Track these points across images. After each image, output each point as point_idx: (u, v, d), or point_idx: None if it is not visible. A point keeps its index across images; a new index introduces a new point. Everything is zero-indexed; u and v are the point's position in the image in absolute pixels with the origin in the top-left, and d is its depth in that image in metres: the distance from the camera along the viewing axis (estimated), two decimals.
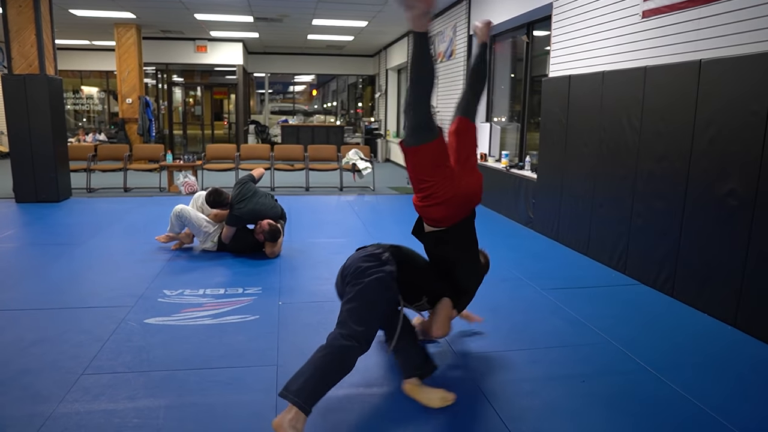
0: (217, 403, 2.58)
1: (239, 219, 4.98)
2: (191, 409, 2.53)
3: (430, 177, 2.55)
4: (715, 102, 3.63)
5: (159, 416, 2.46)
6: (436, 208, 2.62)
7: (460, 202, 2.64)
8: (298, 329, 3.44)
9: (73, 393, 2.65)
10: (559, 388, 2.75)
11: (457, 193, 2.58)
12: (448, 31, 9.30)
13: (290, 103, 19.44)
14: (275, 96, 19.98)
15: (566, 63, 5.65)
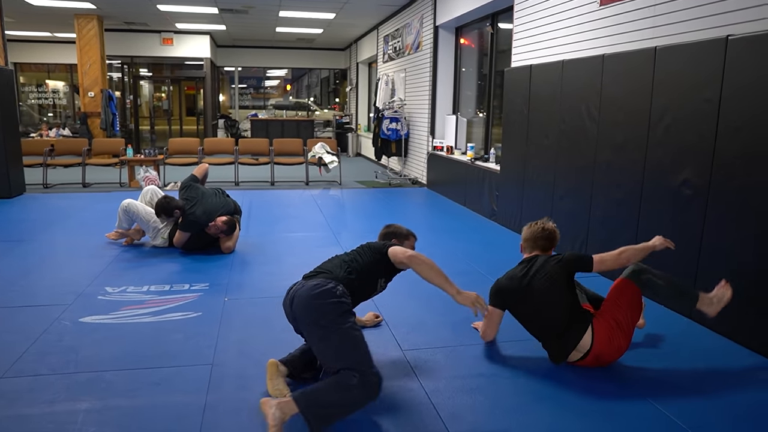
0: (143, 405, 2.43)
1: (194, 224, 4.75)
2: (113, 413, 2.36)
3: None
4: (670, 90, 3.56)
5: (77, 421, 2.30)
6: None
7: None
8: (240, 326, 3.29)
9: None
10: (506, 385, 2.64)
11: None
12: (415, 22, 9.18)
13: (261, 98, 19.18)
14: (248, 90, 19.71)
15: (528, 53, 5.57)
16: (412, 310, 3.55)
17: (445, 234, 5.82)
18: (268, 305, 3.62)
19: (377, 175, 10.07)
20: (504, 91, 5.91)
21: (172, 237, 4.88)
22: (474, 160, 6.94)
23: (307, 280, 2.58)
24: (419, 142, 9.19)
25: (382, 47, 11.51)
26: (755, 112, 2.98)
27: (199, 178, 5.09)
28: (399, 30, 10.18)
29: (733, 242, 3.15)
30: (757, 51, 2.96)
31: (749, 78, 3.02)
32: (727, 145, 3.16)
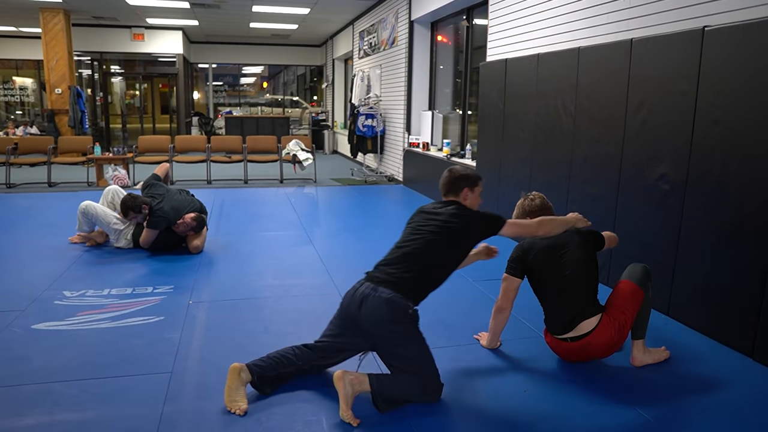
0: (93, 419, 2.26)
1: (163, 220, 4.56)
2: (59, 428, 2.20)
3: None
4: (646, 82, 3.49)
5: None
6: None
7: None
8: (204, 331, 3.13)
9: None
10: (479, 388, 2.53)
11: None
12: (390, 18, 9.05)
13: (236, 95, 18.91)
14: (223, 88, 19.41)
15: (504, 47, 5.47)
16: None
17: None
18: (234, 308, 3.47)
19: (353, 172, 9.93)
20: (479, 85, 5.81)
21: (137, 238, 4.68)
22: (450, 156, 6.83)
23: (377, 286, 2.43)
24: (395, 139, 9.06)
25: (358, 43, 11.36)
26: (732, 104, 2.91)
27: (161, 178, 4.90)
28: (374, 25, 10.04)
29: (711, 237, 3.08)
30: (734, 42, 2.89)
31: (726, 70, 2.95)
32: (704, 138, 3.09)
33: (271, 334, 3.09)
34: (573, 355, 2.72)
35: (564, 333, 2.67)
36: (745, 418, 2.35)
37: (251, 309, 3.45)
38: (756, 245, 2.81)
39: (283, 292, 3.77)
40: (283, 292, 3.77)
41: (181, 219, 4.57)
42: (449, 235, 2.50)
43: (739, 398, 2.50)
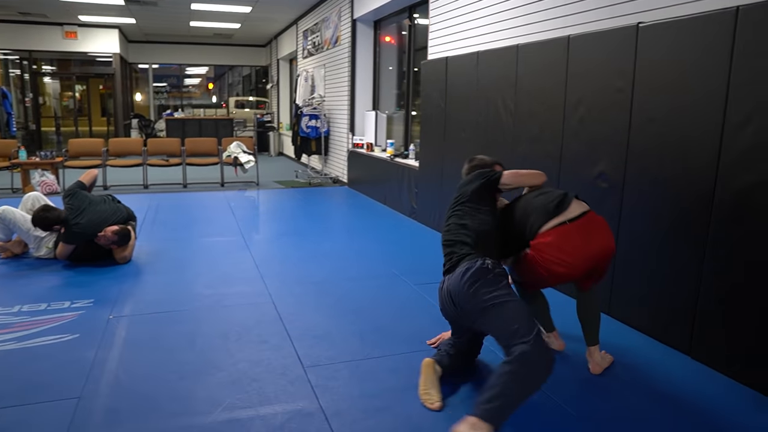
0: None
1: (80, 235, 4.22)
2: None
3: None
4: (584, 80, 3.44)
5: None
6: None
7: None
8: (122, 349, 2.88)
9: None
10: (415, 401, 2.39)
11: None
12: (333, 16, 8.87)
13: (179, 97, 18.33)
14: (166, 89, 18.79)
15: (444, 44, 5.39)
16: (318, 320, 3.25)
17: (362, 234, 5.56)
18: (158, 321, 3.23)
19: (297, 174, 9.69)
20: (421, 84, 5.71)
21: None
22: (393, 156, 6.71)
23: (452, 272, 2.41)
24: (339, 140, 8.89)
25: (302, 43, 11.13)
26: (667, 101, 2.88)
27: (86, 185, 4.54)
28: (318, 24, 9.84)
29: (648, 236, 3.04)
30: (667, 38, 2.86)
31: (660, 66, 2.91)
32: (641, 136, 3.05)
33: (195, 349, 2.87)
34: (577, 249, 2.46)
35: (556, 216, 2.51)
36: (683, 416, 2.30)
37: (177, 322, 3.22)
38: (692, 243, 2.78)
39: (214, 302, 3.55)
40: (214, 302, 3.55)
41: (102, 232, 4.24)
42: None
43: (677, 397, 2.45)
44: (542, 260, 2.51)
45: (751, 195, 2.48)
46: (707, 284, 2.71)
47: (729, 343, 2.63)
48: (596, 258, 2.54)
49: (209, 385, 2.50)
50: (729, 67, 2.55)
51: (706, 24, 2.66)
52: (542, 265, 2.51)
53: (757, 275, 2.47)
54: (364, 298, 3.63)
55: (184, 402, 2.36)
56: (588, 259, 2.52)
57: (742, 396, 2.49)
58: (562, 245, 2.48)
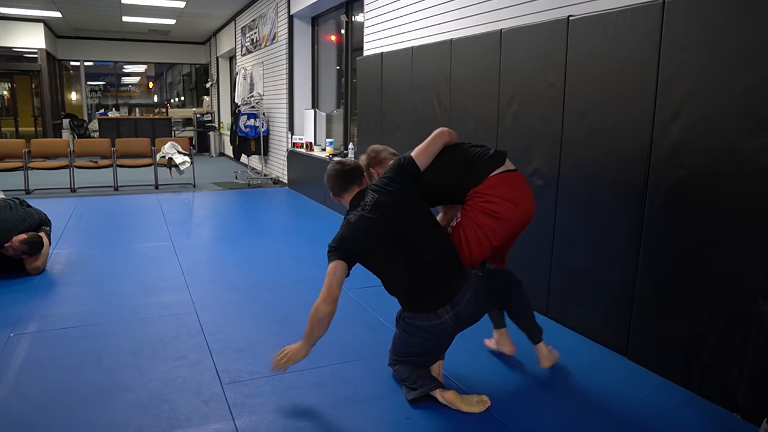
0: None
1: None
2: None
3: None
4: (516, 74, 3.36)
5: None
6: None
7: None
8: (18, 371, 2.59)
9: None
10: (343, 417, 2.23)
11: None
12: (270, 12, 8.61)
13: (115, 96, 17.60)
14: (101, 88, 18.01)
15: (380, 40, 5.25)
16: (242, 332, 3.05)
17: (300, 237, 5.37)
18: (64, 338, 2.95)
19: (237, 175, 9.38)
20: (357, 81, 5.56)
21: None
22: (333, 155, 6.54)
23: (453, 299, 2.28)
24: (279, 139, 8.64)
25: (240, 39, 10.80)
26: (597, 95, 2.82)
27: None
28: (255, 21, 9.55)
29: (583, 234, 2.98)
30: (597, 31, 2.79)
31: (590, 60, 2.85)
32: (574, 131, 2.99)
33: (102, 368, 2.61)
34: (519, 194, 2.45)
35: (501, 165, 2.46)
36: (617, 417, 2.22)
37: (85, 338, 2.95)
38: (626, 241, 2.72)
39: (130, 314, 3.29)
40: (130, 314, 3.29)
41: (8, 242, 3.90)
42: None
43: (612, 397, 2.38)
44: (491, 202, 2.39)
45: (682, 190, 2.44)
46: (642, 282, 2.66)
47: (662, 342, 2.59)
48: (528, 215, 2.50)
49: (114, 408, 2.27)
50: (657, 60, 2.50)
51: (635, 17, 2.60)
52: (489, 210, 2.39)
53: (690, 271, 2.43)
54: (292, 305, 3.45)
55: (83, 429, 2.13)
56: (525, 212, 2.47)
57: (674, 396, 2.44)
58: (513, 188, 2.44)
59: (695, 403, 2.38)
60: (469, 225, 2.42)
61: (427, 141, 2.55)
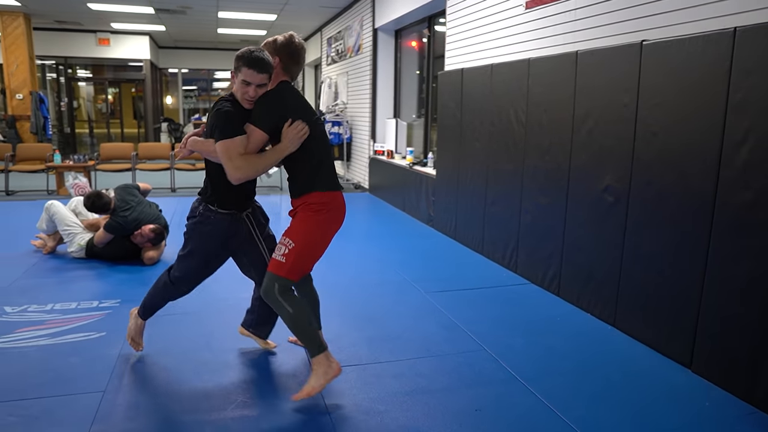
0: None
1: (120, 228, 4.49)
2: None
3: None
4: (591, 93, 3.53)
5: None
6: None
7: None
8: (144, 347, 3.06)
9: None
10: (416, 405, 2.52)
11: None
12: (355, 25, 9.05)
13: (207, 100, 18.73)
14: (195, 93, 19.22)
15: (460, 56, 5.50)
16: (330, 325, 3.39)
17: (380, 240, 5.70)
18: (179, 322, 3.41)
19: None
20: (438, 94, 5.84)
21: (90, 246, 4.61)
22: (412, 164, 6.84)
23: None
24: (361, 146, 9.06)
25: (326, 50, 11.34)
26: (668, 117, 2.96)
27: (140, 188, 4.88)
28: (341, 32, 10.03)
29: (651, 249, 3.11)
30: (670, 56, 2.93)
31: (662, 83, 2.99)
32: (645, 150, 3.13)
33: (212, 349, 3.04)
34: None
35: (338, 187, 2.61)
36: (673, 426, 2.37)
37: (196, 324, 3.40)
38: (694, 257, 2.84)
39: (232, 305, 3.71)
40: (232, 305, 3.71)
41: (139, 230, 4.52)
42: (210, 131, 2.46)
43: (671, 406, 2.53)
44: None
45: (748, 210, 2.55)
46: (709, 297, 2.78)
47: (727, 356, 2.69)
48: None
49: (223, 383, 2.67)
50: (727, 86, 2.62)
51: (706, 44, 2.73)
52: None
53: (756, 287, 2.53)
54: (374, 305, 3.77)
55: (199, 399, 2.53)
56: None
57: (735, 409, 2.55)
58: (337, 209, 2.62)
59: (757, 418, 2.47)
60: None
61: (249, 158, 2.44)
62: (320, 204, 2.50)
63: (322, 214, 2.50)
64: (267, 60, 2.38)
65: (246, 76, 2.34)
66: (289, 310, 2.44)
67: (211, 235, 2.61)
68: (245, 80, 2.35)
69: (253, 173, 2.44)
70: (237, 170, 2.36)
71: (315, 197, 2.50)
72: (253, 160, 2.39)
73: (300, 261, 2.49)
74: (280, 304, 2.45)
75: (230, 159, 2.35)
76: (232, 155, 2.34)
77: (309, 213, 2.50)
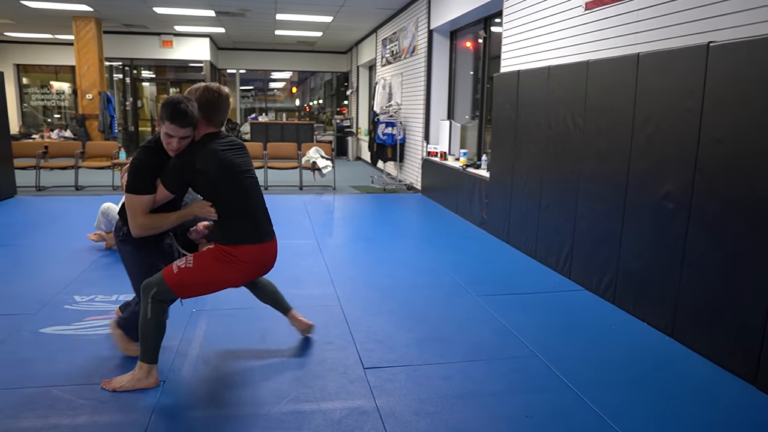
0: (84, 424, 2.33)
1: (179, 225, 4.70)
2: None
3: None
4: (653, 98, 3.43)
5: None
6: None
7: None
8: (202, 339, 3.18)
9: None
10: (466, 408, 2.52)
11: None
12: (410, 26, 9.07)
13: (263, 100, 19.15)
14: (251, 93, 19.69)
15: (517, 58, 5.45)
16: (381, 325, 3.43)
17: (432, 242, 5.71)
18: (234, 317, 3.53)
19: (373, 180, 9.96)
20: (493, 96, 5.80)
21: None
22: (466, 166, 6.81)
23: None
24: (414, 148, 9.08)
25: (381, 51, 11.42)
26: (735, 123, 2.85)
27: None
28: (396, 33, 10.08)
29: (714, 259, 3.01)
30: (738, 58, 2.83)
31: (730, 87, 2.88)
32: (709, 157, 3.02)
33: (267, 344, 3.13)
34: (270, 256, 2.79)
35: (269, 237, 2.75)
36: None
37: (251, 319, 3.50)
38: (759, 269, 2.73)
39: None
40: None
41: (194, 227, 4.66)
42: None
43: (731, 420, 2.44)
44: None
45: None
46: None
47: None
48: None
49: (276, 378, 2.74)
50: None
51: None
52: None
53: None
54: (426, 306, 3.78)
55: (253, 393, 2.61)
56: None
57: None
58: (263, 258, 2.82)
59: None
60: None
61: (153, 218, 2.59)
62: (230, 255, 2.59)
63: (230, 264, 2.60)
64: (190, 113, 2.40)
65: (168, 129, 2.38)
66: (147, 316, 2.54)
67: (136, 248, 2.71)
68: (168, 133, 2.39)
69: (154, 231, 2.58)
70: (139, 228, 2.52)
71: (228, 249, 2.60)
72: (156, 221, 2.55)
73: (189, 284, 2.58)
74: (146, 304, 2.54)
75: (134, 215, 2.49)
76: (137, 212, 2.48)
77: (220, 254, 2.61)
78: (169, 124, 2.36)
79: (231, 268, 2.60)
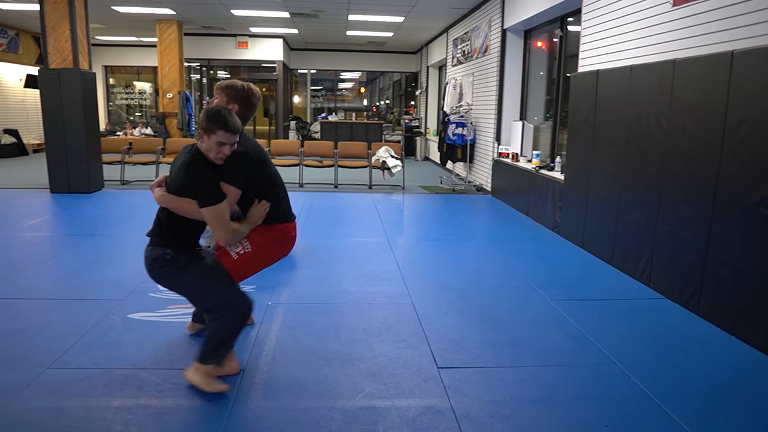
0: (170, 406, 2.45)
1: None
2: (141, 412, 2.40)
3: None
4: (748, 98, 3.25)
5: (106, 417, 2.35)
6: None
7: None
8: (278, 332, 3.27)
9: (31, 388, 2.58)
10: (542, 413, 2.47)
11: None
12: (483, 26, 8.98)
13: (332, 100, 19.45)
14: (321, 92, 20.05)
15: (596, 57, 5.28)
16: (454, 325, 3.42)
17: (503, 245, 5.63)
18: (309, 311, 3.60)
19: (442, 180, 9.93)
20: (570, 97, 5.65)
21: None
22: (539, 168, 6.67)
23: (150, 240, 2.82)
24: (485, 148, 8.98)
25: (452, 51, 11.35)
26: None
27: None
28: (468, 33, 10.00)
29: None
30: None
31: None
32: None
33: (340, 340, 3.18)
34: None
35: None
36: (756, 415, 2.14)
37: (325, 314, 3.57)
38: None
39: (358, 299, 3.86)
40: (358, 299, 3.86)
41: None
42: (179, 185, 2.59)
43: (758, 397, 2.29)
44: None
45: None
46: None
47: None
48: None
49: (351, 373, 2.78)
50: None
51: None
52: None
53: None
54: (499, 309, 3.74)
55: (329, 386, 2.65)
56: None
57: None
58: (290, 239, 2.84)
59: None
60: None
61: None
62: (282, 233, 2.74)
63: (282, 241, 2.75)
64: (237, 120, 2.53)
65: (222, 137, 2.46)
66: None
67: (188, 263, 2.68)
68: (221, 141, 2.47)
69: (242, 235, 2.63)
70: (232, 233, 2.55)
71: (281, 227, 2.73)
72: (243, 225, 2.61)
73: (247, 266, 2.68)
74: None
75: (224, 225, 2.52)
76: (223, 220, 2.52)
77: (272, 233, 2.70)
78: (224, 133, 2.46)
79: (282, 245, 2.76)
